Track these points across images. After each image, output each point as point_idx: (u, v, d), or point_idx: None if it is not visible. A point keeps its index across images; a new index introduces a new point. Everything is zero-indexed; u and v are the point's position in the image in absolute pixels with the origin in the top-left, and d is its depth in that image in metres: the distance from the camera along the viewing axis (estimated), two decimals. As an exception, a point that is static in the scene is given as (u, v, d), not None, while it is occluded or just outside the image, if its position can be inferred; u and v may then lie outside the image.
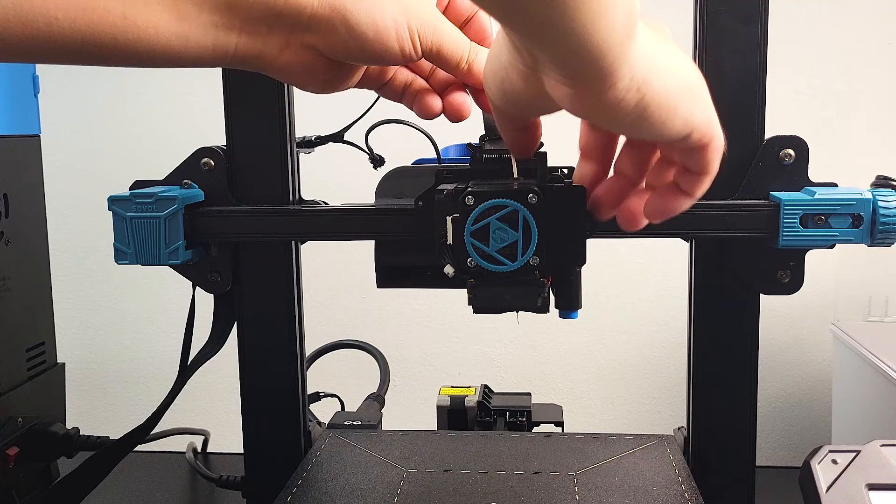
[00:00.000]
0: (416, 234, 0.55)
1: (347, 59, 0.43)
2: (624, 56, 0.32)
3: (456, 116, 0.49)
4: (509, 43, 0.35)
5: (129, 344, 1.61)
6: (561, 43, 0.31)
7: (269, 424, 0.67)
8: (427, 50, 0.44)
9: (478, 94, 0.47)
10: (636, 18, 0.32)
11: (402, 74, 0.49)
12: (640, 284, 1.49)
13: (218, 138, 0.64)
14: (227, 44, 0.39)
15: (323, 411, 0.79)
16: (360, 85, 0.48)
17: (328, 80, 0.44)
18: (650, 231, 0.57)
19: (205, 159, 0.62)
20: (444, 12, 0.46)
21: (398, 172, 0.60)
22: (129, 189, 0.60)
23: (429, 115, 0.49)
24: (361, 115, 0.62)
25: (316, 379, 0.77)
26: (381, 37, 0.41)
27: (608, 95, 0.34)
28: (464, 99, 0.48)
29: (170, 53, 0.37)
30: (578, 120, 0.40)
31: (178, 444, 0.87)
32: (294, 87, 0.63)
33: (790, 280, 0.59)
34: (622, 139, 0.44)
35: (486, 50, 0.45)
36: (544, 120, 0.43)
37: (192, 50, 0.38)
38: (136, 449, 0.67)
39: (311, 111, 0.73)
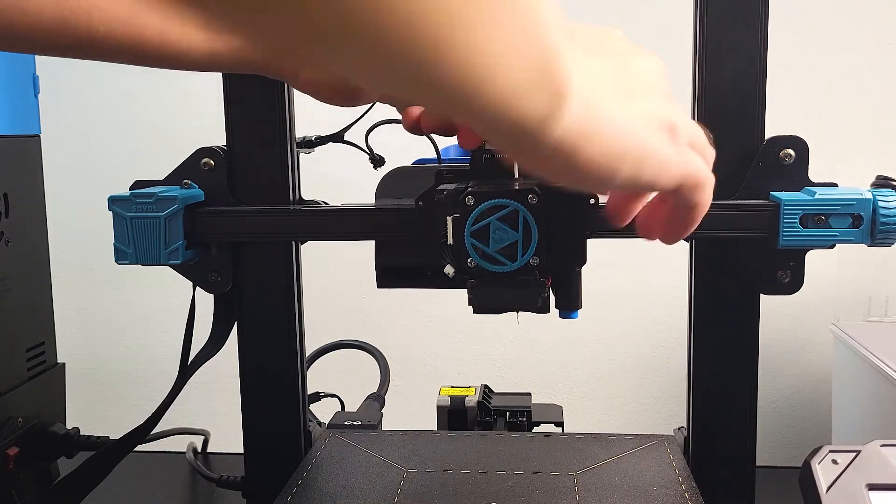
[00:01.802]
0: (416, 234, 0.55)
1: (364, 86, 0.43)
2: (549, 128, 0.28)
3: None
4: None
5: (130, 344, 1.61)
6: (475, 119, 0.27)
7: (269, 424, 0.66)
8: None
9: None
10: (565, 79, 0.28)
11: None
12: (640, 284, 1.49)
13: (218, 138, 0.64)
14: (252, 61, 0.41)
15: (323, 411, 0.79)
16: (382, 101, 0.49)
17: (347, 98, 0.45)
18: (650, 231, 0.57)
19: (205, 159, 0.62)
20: None
21: (398, 172, 0.60)
22: (130, 189, 0.60)
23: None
24: (362, 115, 0.62)
25: (316, 379, 0.77)
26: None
27: (533, 159, 0.30)
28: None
29: (199, 65, 0.39)
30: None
31: (178, 444, 0.87)
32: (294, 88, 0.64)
33: (790, 280, 0.59)
34: None
35: None
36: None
37: (220, 65, 0.40)
38: (136, 449, 0.67)
39: (310, 111, 0.73)
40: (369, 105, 0.61)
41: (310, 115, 0.72)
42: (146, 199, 0.58)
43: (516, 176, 0.47)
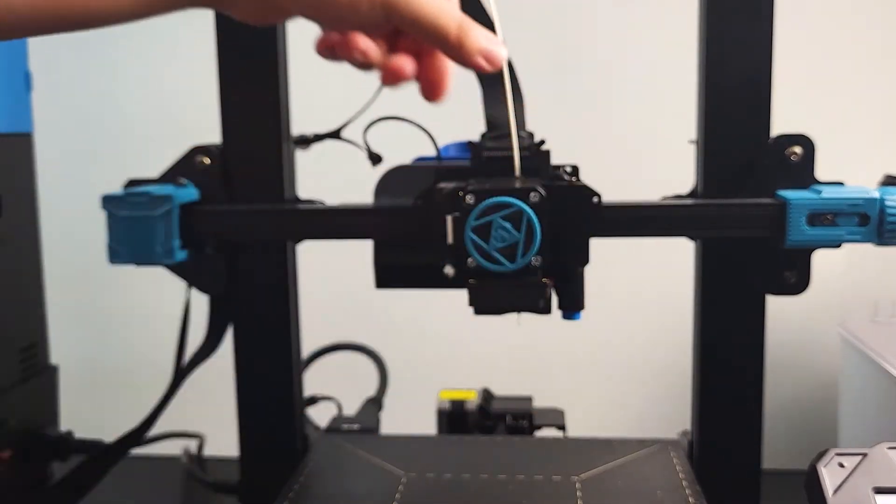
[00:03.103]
0: (415, 233, 0.54)
1: (302, 14, 0.39)
2: None
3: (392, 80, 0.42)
4: None
5: (124, 346, 1.60)
6: None
7: (265, 428, 0.66)
8: (400, 19, 0.38)
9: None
10: None
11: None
12: (644, 285, 1.47)
13: (213, 136, 0.63)
14: None
15: (321, 415, 0.78)
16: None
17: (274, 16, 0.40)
18: (655, 230, 0.56)
19: (200, 157, 0.61)
20: None
21: (397, 171, 0.59)
22: (123, 188, 0.59)
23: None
24: (359, 111, 0.61)
25: (313, 382, 0.76)
26: None
27: None
28: (402, 63, 0.41)
29: (132, 14, 0.37)
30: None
31: (172, 447, 0.86)
32: (290, 85, 0.63)
33: (797, 280, 0.58)
34: None
35: (479, 26, 0.40)
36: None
37: (154, 7, 0.37)
38: (130, 453, 0.66)
39: (308, 109, 0.72)
40: (367, 103, 0.60)
41: (307, 112, 0.72)
42: (139, 198, 0.56)
43: (517, 174, 0.47)
